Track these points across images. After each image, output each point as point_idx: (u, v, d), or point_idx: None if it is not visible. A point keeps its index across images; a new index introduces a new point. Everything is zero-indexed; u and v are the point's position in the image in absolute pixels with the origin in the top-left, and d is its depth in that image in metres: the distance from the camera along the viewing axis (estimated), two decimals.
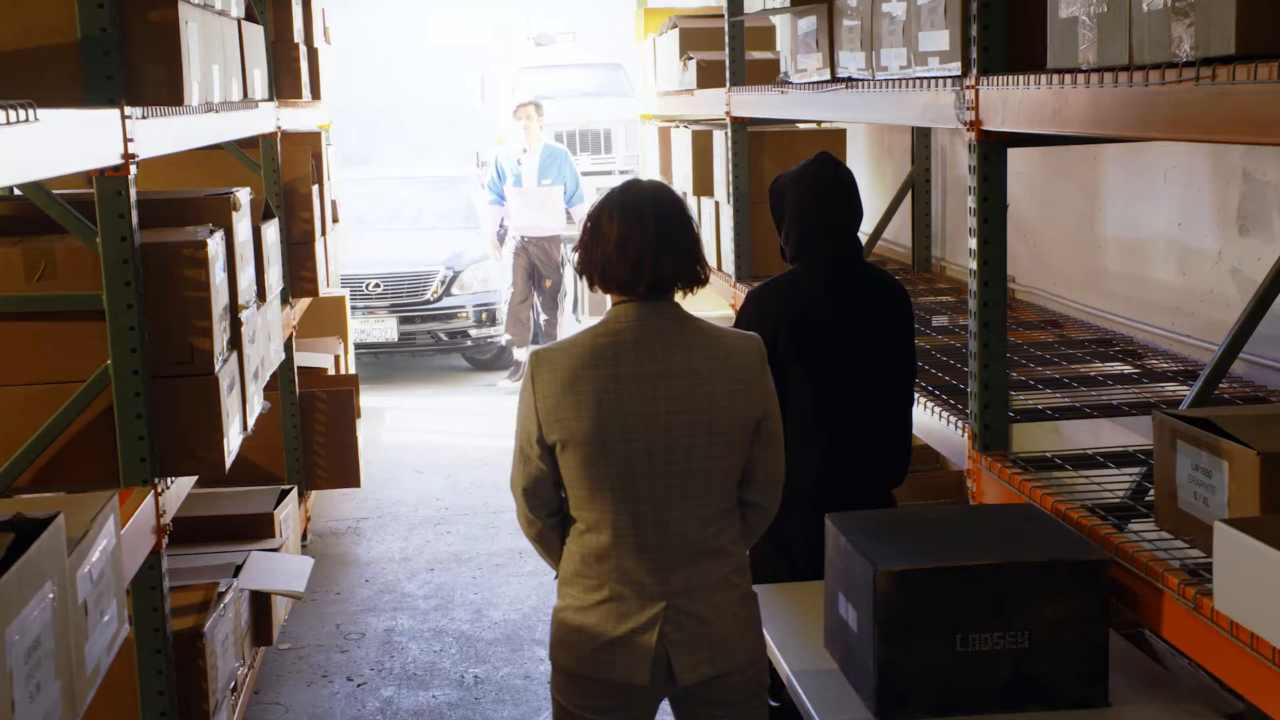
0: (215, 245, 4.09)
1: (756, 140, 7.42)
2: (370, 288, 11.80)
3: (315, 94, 8.14)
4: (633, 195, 3.22)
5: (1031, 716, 3.16)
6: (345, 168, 12.51)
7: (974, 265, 4.11)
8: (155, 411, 3.95)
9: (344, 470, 7.61)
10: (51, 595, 2.28)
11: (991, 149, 4.03)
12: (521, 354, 11.69)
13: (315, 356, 8.34)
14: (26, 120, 2.78)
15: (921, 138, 7.61)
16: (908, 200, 7.72)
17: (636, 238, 3.16)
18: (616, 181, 13.23)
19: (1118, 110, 3.12)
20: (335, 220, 8.63)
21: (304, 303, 7.84)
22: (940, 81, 4.24)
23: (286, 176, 7.16)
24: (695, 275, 3.23)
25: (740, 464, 3.25)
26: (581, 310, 12.69)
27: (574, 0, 25.20)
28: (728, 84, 7.37)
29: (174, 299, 3.96)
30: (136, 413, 3.87)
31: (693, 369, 3.16)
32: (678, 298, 3.30)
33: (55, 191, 3.94)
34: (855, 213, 4.40)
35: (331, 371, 8.37)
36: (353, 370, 9.77)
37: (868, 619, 3.19)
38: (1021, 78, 3.64)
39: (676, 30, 8.91)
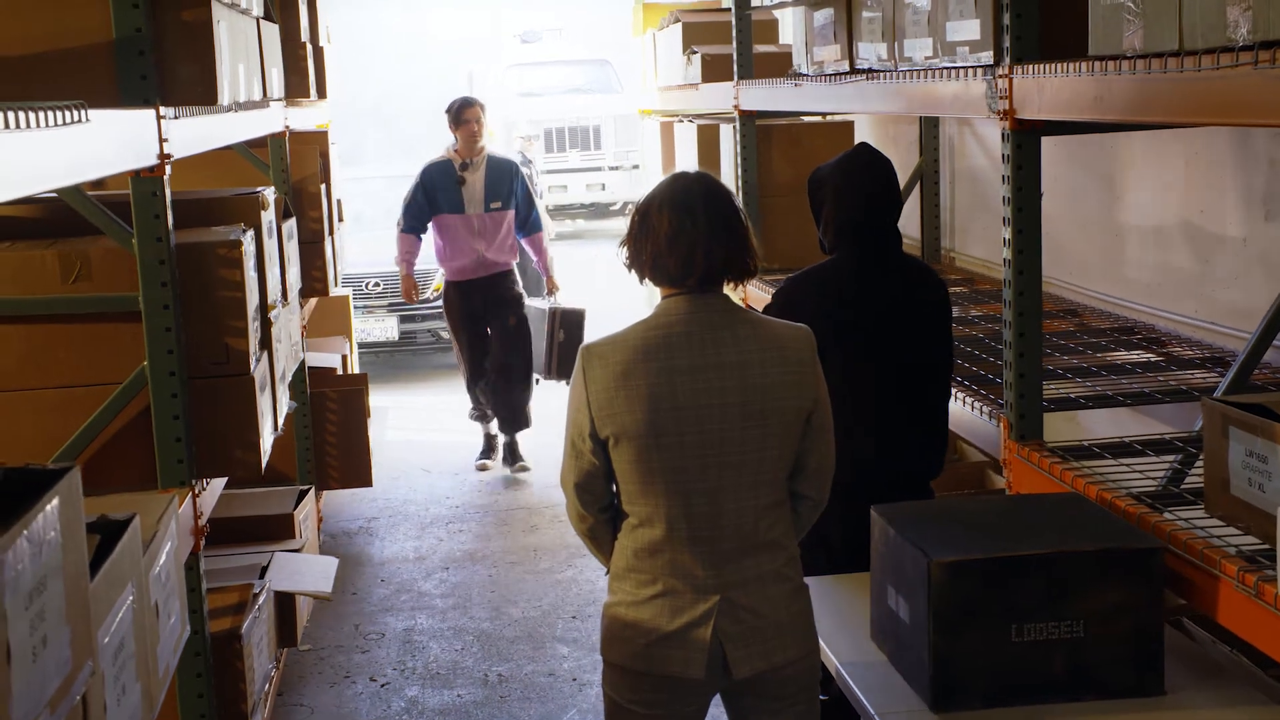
0: (248, 244, 4.07)
1: (764, 133, 7.42)
2: (370, 287, 11.78)
3: (321, 93, 8.12)
4: (682, 187, 3.21)
5: (1088, 706, 3.16)
6: (339, 167, 12.44)
7: (1008, 255, 4.11)
8: (192, 412, 3.93)
9: (356, 470, 7.58)
10: (131, 598, 2.26)
11: (1025, 138, 4.03)
12: (493, 426, 9.03)
13: (323, 356, 8.31)
14: (79, 121, 2.76)
15: (930, 129, 7.61)
16: (915, 192, 7.72)
17: (687, 230, 3.14)
18: (607, 177, 12.67)
19: (1167, 96, 3.11)
20: (340, 219, 8.61)
21: (311, 302, 7.82)
22: (970, 71, 4.23)
23: (295, 176, 7.14)
24: (746, 266, 3.22)
25: (792, 455, 3.23)
26: (549, 368, 8.92)
27: None
28: (735, 77, 7.35)
29: (209, 299, 3.94)
30: (174, 414, 3.84)
31: (745, 360, 3.15)
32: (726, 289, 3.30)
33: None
34: (894, 203, 4.37)
35: (339, 371, 8.35)
36: (357, 370, 9.74)
37: (921, 610, 3.19)
38: (1060, 65, 3.63)
39: (679, 25, 8.88)
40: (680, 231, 3.14)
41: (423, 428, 10.25)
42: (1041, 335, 4.16)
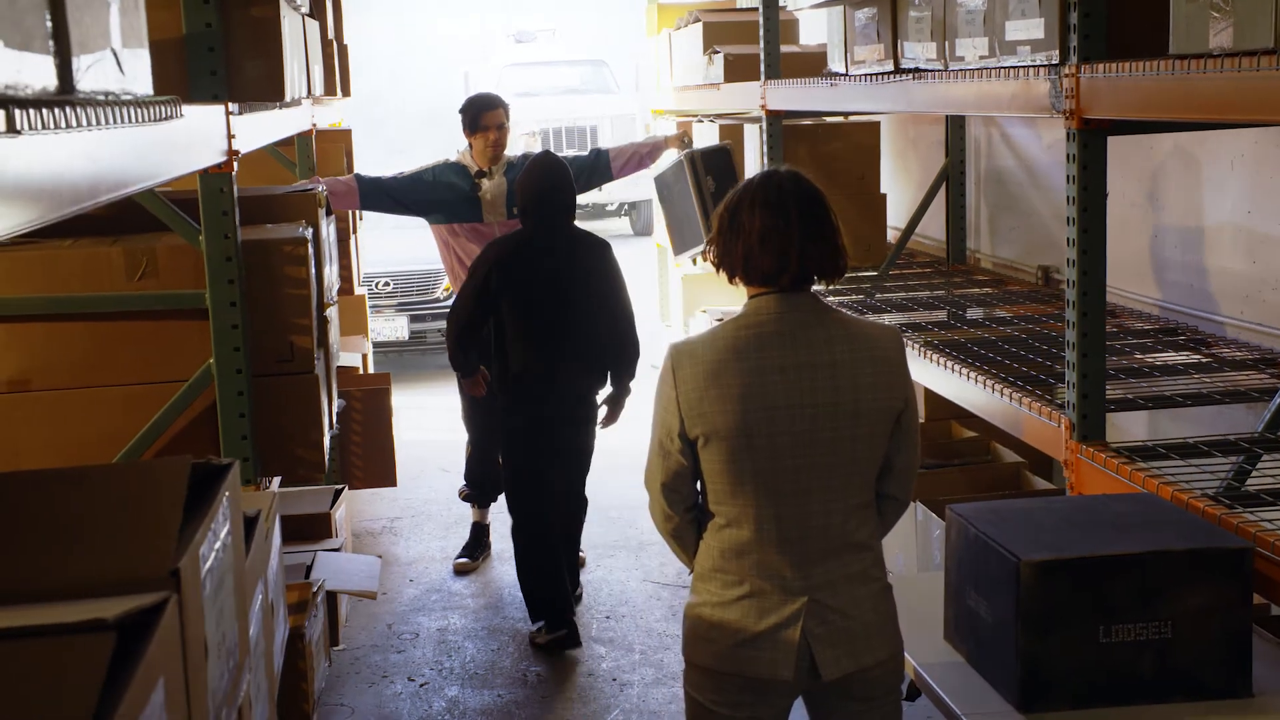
0: (311, 242, 4.04)
1: (790, 133, 7.40)
2: (380, 286, 11.74)
3: (346, 90, 8.09)
4: (774, 185, 3.18)
5: (1175, 708, 3.14)
6: None
7: (1072, 255, 4.11)
8: (256, 410, 3.90)
9: (381, 469, 7.53)
10: (262, 595, 2.24)
11: (1091, 137, 4.02)
12: (488, 515, 7.30)
13: (345, 355, 8.26)
14: (176, 116, 2.73)
15: (956, 130, 7.59)
16: (940, 193, 7.69)
17: (780, 229, 3.12)
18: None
19: (1261, 94, 3.10)
20: (361, 218, 8.58)
21: None
22: (1032, 70, 4.22)
23: (322, 174, 7.10)
24: (837, 266, 3.20)
25: (880, 455, 3.21)
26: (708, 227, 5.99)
27: None
28: (763, 77, 7.32)
29: (274, 296, 3.92)
30: (239, 412, 3.81)
31: (835, 359, 3.13)
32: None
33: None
34: (562, 189, 5.88)
35: (361, 371, 8.31)
36: (373, 369, 9.69)
37: (1007, 610, 3.17)
38: (1136, 65, 3.62)
39: (699, 25, 8.84)
40: (772, 230, 3.12)
41: (438, 427, 10.20)
42: (1104, 337, 4.15)
